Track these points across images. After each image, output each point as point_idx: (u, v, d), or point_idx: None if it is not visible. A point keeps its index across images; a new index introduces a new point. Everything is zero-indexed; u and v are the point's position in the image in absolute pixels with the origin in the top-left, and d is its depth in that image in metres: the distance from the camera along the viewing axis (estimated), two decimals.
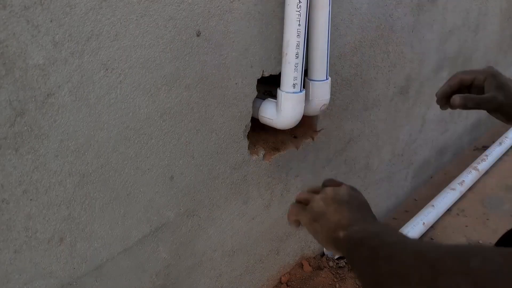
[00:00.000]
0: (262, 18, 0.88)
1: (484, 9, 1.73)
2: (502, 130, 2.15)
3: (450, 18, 1.52)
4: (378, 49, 1.23)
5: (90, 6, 0.62)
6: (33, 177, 0.64)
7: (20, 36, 0.56)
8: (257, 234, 1.10)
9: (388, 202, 1.62)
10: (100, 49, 0.65)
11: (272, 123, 0.95)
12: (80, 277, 0.75)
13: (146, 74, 0.72)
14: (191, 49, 0.77)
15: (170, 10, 0.72)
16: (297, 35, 0.86)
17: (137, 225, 0.81)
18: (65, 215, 0.69)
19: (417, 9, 1.33)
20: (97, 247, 0.76)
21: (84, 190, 0.71)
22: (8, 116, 0.58)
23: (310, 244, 1.31)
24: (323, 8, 0.91)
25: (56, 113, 0.63)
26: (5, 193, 0.62)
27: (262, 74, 0.92)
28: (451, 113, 1.81)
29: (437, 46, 1.50)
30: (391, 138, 1.47)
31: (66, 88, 0.63)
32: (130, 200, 0.78)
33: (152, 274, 0.87)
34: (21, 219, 0.64)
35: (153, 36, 0.71)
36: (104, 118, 0.69)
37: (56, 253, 0.70)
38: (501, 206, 1.69)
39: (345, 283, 1.24)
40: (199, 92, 0.82)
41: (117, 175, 0.74)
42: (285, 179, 1.11)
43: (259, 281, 1.17)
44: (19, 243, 0.65)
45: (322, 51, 0.95)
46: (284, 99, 0.91)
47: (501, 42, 2.00)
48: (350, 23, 1.10)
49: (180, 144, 0.82)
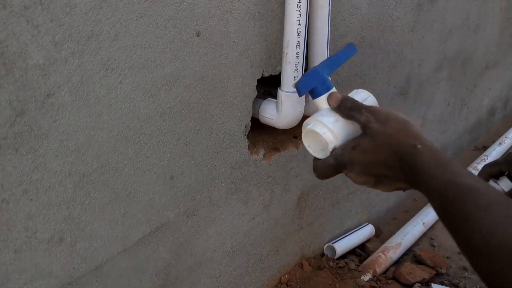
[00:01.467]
0: (262, 18, 0.88)
1: (484, 9, 1.73)
2: (502, 130, 2.15)
3: (450, 18, 1.52)
4: (378, 49, 1.23)
5: (90, 6, 0.62)
6: (33, 177, 0.64)
7: (20, 36, 0.56)
8: (257, 234, 1.10)
9: (388, 202, 1.62)
10: (100, 49, 0.65)
11: (272, 122, 0.95)
12: (80, 277, 0.75)
13: (146, 74, 0.72)
14: (191, 49, 0.77)
15: (170, 10, 0.72)
16: (297, 35, 0.86)
17: (137, 225, 0.81)
18: (65, 215, 0.69)
19: (417, 9, 1.33)
20: (97, 247, 0.76)
21: (84, 190, 0.71)
22: (8, 116, 0.58)
23: (310, 244, 1.31)
24: (323, 8, 0.91)
25: (56, 113, 0.63)
26: (5, 193, 0.62)
27: (262, 74, 0.92)
28: (451, 113, 1.81)
29: (437, 46, 1.50)
30: None
31: (66, 88, 0.63)
32: (130, 200, 0.78)
33: (152, 274, 0.87)
34: (21, 219, 0.64)
35: (153, 36, 0.71)
36: (104, 118, 0.69)
37: (56, 253, 0.70)
38: None
39: (345, 283, 1.24)
40: (199, 92, 0.82)
41: (117, 175, 0.74)
42: (285, 179, 1.11)
43: (259, 281, 1.17)
44: (19, 243, 0.65)
45: (322, 51, 0.95)
46: (285, 99, 0.91)
47: (501, 42, 2.00)
48: (350, 23, 1.10)
49: (180, 144, 0.82)
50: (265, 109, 0.95)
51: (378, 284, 1.26)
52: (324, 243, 1.36)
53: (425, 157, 0.54)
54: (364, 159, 0.58)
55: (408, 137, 0.57)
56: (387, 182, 0.59)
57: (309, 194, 1.21)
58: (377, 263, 1.31)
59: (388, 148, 0.57)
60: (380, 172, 0.58)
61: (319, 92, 0.63)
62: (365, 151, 0.58)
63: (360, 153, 0.59)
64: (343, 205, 1.38)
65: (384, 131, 0.57)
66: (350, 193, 1.38)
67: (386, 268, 1.32)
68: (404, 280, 1.27)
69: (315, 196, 1.23)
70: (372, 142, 0.58)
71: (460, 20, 1.58)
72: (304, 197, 1.19)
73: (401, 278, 1.28)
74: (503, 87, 2.27)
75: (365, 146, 0.58)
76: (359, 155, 0.59)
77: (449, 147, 1.92)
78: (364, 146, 0.58)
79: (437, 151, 0.56)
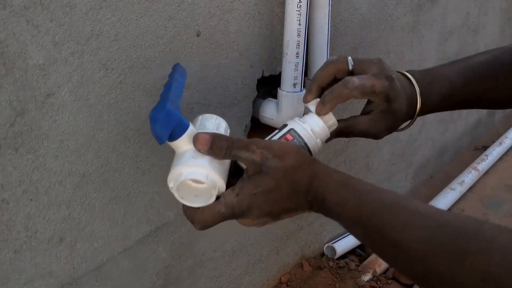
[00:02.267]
0: (262, 18, 0.88)
1: (484, 9, 1.73)
2: (502, 130, 2.15)
3: (450, 18, 1.52)
4: (378, 49, 1.23)
5: (90, 6, 0.62)
6: (33, 177, 0.64)
7: (20, 36, 0.56)
8: (257, 234, 1.10)
9: None
10: (100, 49, 0.65)
11: (272, 122, 0.95)
12: (80, 277, 0.75)
13: (146, 74, 0.72)
14: (191, 49, 0.77)
15: (170, 10, 0.72)
16: (298, 35, 0.86)
17: (137, 225, 0.81)
18: (65, 215, 0.69)
19: (417, 9, 1.33)
20: (97, 247, 0.76)
21: (84, 190, 0.71)
22: (8, 116, 0.58)
23: (310, 244, 1.31)
24: (323, 7, 0.91)
25: (56, 113, 0.63)
26: (5, 193, 0.62)
27: (262, 74, 0.92)
28: (451, 113, 1.81)
29: (437, 46, 1.50)
30: (391, 138, 1.47)
31: (66, 88, 0.63)
32: (130, 200, 0.78)
33: (152, 274, 0.87)
34: (21, 219, 0.64)
35: (153, 36, 0.71)
36: (104, 118, 0.69)
37: (56, 253, 0.70)
38: (501, 206, 1.69)
39: (345, 283, 1.24)
40: (199, 92, 0.82)
41: (117, 175, 0.74)
42: None
43: (259, 281, 1.17)
44: (19, 243, 0.65)
45: (321, 51, 0.95)
46: (285, 99, 0.91)
47: (501, 42, 2.00)
48: (350, 23, 1.10)
49: None
50: (265, 109, 0.95)
51: (378, 284, 1.26)
52: (324, 243, 1.36)
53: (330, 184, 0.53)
54: (267, 201, 0.53)
55: (306, 166, 0.54)
56: (290, 214, 0.56)
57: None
58: (377, 263, 1.31)
59: (291, 182, 0.53)
60: (283, 208, 0.55)
61: (177, 134, 0.55)
62: (267, 192, 0.53)
63: (261, 196, 0.53)
64: None
65: (283, 165, 0.53)
66: None
67: (386, 268, 1.32)
68: (404, 280, 1.27)
69: None
70: (273, 181, 0.52)
71: (460, 20, 1.58)
72: None
73: (401, 278, 1.28)
74: None
75: (266, 187, 0.52)
76: (261, 199, 0.53)
77: (449, 147, 1.92)
78: (265, 187, 0.52)
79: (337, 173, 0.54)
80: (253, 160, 0.53)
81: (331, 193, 0.52)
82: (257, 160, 0.53)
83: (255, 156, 0.53)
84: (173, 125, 0.54)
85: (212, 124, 0.60)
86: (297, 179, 0.53)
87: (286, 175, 0.53)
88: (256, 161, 0.53)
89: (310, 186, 0.53)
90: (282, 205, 0.55)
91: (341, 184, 0.53)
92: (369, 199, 0.50)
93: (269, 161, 0.52)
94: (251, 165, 0.54)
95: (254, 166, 0.54)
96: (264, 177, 0.53)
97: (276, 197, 0.53)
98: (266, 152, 0.53)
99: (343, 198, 0.52)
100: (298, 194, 0.54)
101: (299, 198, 0.54)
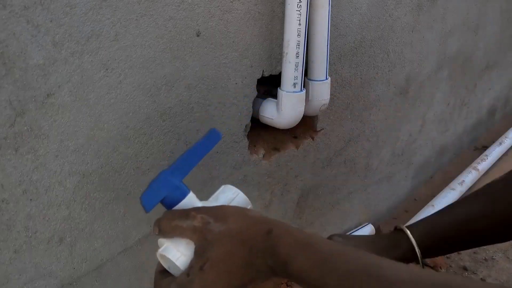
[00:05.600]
0: (262, 18, 0.88)
1: (484, 9, 1.73)
2: (502, 130, 2.15)
3: (450, 18, 1.52)
4: (378, 49, 1.23)
5: (90, 6, 0.62)
6: (33, 177, 0.64)
7: (20, 36, 0.56)
8: None
9: (388, 202, 1.62)
10: (100, 49, 0.65)
11: (272, 122, 0.95)
12: (80, 277, 0.75)
13: (146, 74, 0.72)
14: (191, 49, 0.77)
15: (170, 10, 0.72)
16: (298, 35, 0.86)
17: (137, 225, 0.81)
18: (65, 215, 0.69)
19: (417, 9, 1.33)
20: (97, 247, 0.76)
21: (84, 190, 0.71)
22: (8, 116, 0.58)
23: None
24: (323, 7, 0.91)
25: (56, 113, 0.63)
26: (5, 193, 0.62)
27: (262, 74, 0.92)
28: (451, 113, 1.81)
29: (437, 46, 1.50)
30: (391, 138, 1.47)
31: (66, 88, 0.63)
32: (130, 200, 0.78)
33: (152, 274, 0.87)
34: (21, 219, 0.64)
35: (153, 36, 0.71)
36: (104, 118, 0.69)
37: (56, 253, 0.70)
38: None
39: None
40: (199, 92, 0.82)
41: (117, 175, 0.74)
42: (285, 179, 1.11)
43: None
44: (19, 243, 0.65)
45: (321, 51, 0.95)
46: (285, 98, 0.91)
47: (501, 42, 2.00)
48: (350, 23, 1.10)
49: (180, 144, 0.82)
50: (265, 109, 0.95)
51: None
52: None
53: (290, 244, 0.45)
54: (220, 275, 0.46)
55: (257, 225, 0.47)
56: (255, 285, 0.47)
57: (309, 194, 1.21)
58: None
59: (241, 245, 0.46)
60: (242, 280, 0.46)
61: (173, 202, 0.52)
62: (216, 264, 0.46)
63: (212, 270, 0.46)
64: (343, 205, 1.38)
65: (228, 228, 0.46)
66: (350, 193, 1.38)
67: None
68: None
69: (315, 196, 1.23)
70: (221, 248, 0.46)
71: (460, 20, 1.58)
72: (304, 197, 1.19)
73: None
74: (503, 87, 2.27)
75: (216, 258, 0.46)
76: (213, 274, 0.46)
77: (449, 147, 1.93)
78: (214, 259, 0.46)
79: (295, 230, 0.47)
80: (194, 227, 0.47)
81: (294, 257, 0.44)
82: (198, 226, 0.47)
83: (195, 222, 0.48)
84: (166, 192, 0.52)
85: (224, 197, 0.56)
86: (248, 241, 0.46)
87: (235, 239, 0.46)
88: (198, 227, 0.47)
89: (267, 247, 0.45)
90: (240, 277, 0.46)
91: (303, 245, 0.45)
92: (335, 265, 0.43)
93: (211, 225, 0.47)
94: (194, 236, 0.48)
95: (197, 235, 0.48)
96: (210, 247, 0.46)
97: (230, 268, 0.46)
98: (207, 216, 0.48)
99: (306, 264, 0.43)
100: (255, 258, 0.46)
101: (257, 262, 0.45)
